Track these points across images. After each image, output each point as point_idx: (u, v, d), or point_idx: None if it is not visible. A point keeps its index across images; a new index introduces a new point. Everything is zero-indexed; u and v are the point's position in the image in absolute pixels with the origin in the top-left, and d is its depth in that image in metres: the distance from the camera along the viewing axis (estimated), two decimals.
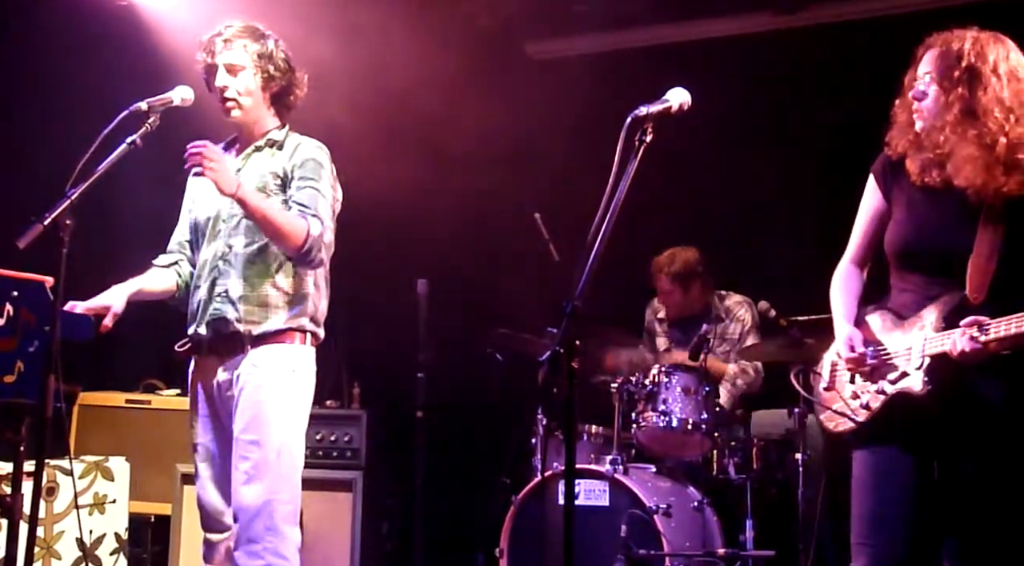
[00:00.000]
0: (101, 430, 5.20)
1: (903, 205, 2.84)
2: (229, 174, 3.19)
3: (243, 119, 3.46)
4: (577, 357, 2.37)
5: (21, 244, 2.76)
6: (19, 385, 2.92)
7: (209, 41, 3.43)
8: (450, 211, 5.64)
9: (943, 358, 2.63)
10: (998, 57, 2.69)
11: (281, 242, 3.30)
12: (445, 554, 5.49)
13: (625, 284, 5.17)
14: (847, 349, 2.82)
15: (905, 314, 2.79)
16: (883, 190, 2.92)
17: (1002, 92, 2.66)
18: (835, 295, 3.00)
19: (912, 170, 2.79)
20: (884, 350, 2.80)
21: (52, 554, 4.32)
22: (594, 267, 2.42)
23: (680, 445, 4.80)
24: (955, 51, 2.71)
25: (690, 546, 4.47)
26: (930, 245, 2.76)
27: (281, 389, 3.33)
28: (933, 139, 2.72)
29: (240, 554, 3.26)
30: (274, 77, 3.44)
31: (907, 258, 2.82)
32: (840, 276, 3.01)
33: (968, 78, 2.67)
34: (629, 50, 6.23)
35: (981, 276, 2.64)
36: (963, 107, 2.67)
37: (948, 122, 2.68)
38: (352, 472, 4.74)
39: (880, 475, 2.77)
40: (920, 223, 2.79)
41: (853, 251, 3.02)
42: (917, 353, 2.69)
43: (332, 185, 3.45)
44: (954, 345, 2.58)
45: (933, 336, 2.67)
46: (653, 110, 2.59)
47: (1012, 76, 2.69)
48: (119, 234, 5.47)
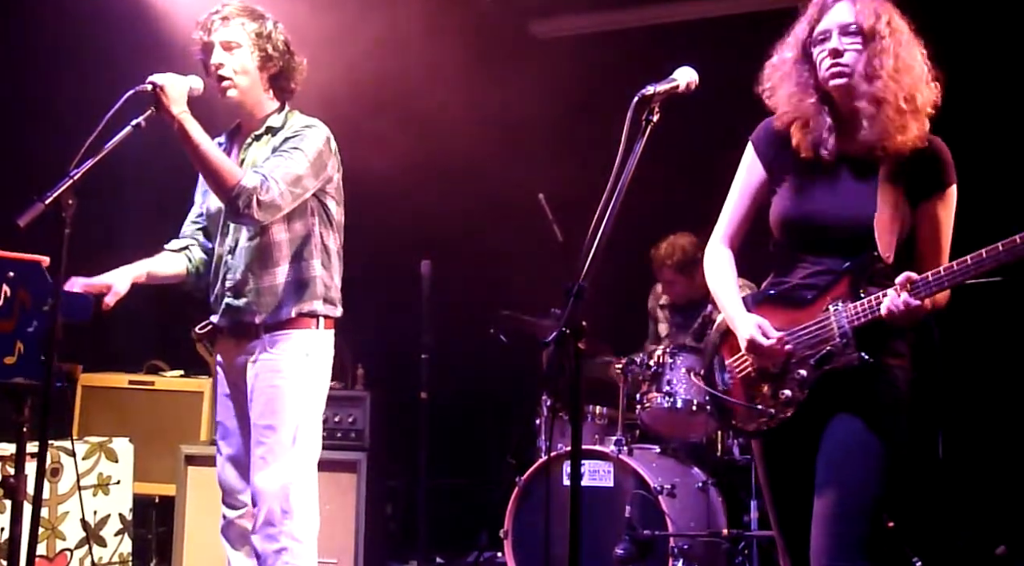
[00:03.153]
0: (105, 411, 5.22)
1: (792, 180, 2.71)
2: (180, 90, 3.14)
3: (240, 100, 3.39)
4: (583, 338, 2.36)
5: (22, 222, 2.74)
6: (20, 366, 2.90)
7: (206, 19, 3.37)
8: (454, 191, 5.62)
9: (872, 326, 2.54)
10: (899, 17, 2.65)
11: (211, 181, 3.24)
12: (449, 535, 5.51)
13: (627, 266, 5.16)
14: (761, 338, 2.65)
15: (805, 293, 2.67)
16: (764, 162, 2.78)
17: (912, 48, 2.62)
18: (718, 283, 2.81)
19: (802, 143, 2.66)
20: (795, 334, 2.65)
21: (56, 535, 4.33)
22: (600, 248, 2.40)
23: (685, 426, 4.79)
24: (870, 5, 2.62)
25: (694, 526, 4.47)
26: (827, 219, 2.63)
27: (296, 374, 3.34)
28: (864, 91, 2.58)
29: (257, 537, 3.29)
30: (272, 57, 3.38)
31: (805, 234, 2.68)
32: (716, 260, 2.83)
33: (889, 32, 2.60)
34: (634, 29, 6.20)
35: (888, 235, 2.57)
36: (894, 57, 2.57)
37: (885, 69, 2.56)
38: (356, 453, 4.74)
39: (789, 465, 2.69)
40: (817, 197, 2.66)
41: (725, 228, 2.85)
42: (839, 328, 2.58)
43: (311, 159, 3.30)
44: (892, 306, 2.47)
45: (853, 306, 2.57)
46: (660, 89, 2.53)
47: (911, 34, 2.64)
48: (121, 216, 5.47)
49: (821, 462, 2.60)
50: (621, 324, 5.68)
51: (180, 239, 3.59)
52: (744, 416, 2.77)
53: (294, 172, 3.26)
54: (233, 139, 3.54)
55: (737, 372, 2.81)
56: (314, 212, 3.40)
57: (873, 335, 2.57)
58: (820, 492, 2.57)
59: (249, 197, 3.16)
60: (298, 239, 3.37)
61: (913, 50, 2.62)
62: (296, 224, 3.37)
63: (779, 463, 2.75)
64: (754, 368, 2.75)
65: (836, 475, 2.56)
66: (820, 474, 2.59)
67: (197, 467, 4.75)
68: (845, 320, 2.58)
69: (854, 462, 2.56)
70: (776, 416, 2.67)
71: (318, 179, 3.35)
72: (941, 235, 2.65)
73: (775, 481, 2.76)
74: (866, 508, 2.54)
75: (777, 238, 2.76)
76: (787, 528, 2.73)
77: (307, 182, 3.30)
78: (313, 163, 3.31)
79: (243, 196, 3.16)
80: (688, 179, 5.71)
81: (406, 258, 5.14)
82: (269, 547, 3.26)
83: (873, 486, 2.55)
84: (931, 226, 2.65)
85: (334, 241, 3.47)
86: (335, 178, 3.45)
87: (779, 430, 2.69)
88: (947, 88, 2.69)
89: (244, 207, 3.17)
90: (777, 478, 2.76)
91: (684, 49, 3.08)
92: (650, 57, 4.51)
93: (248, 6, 3.42)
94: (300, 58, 3.49)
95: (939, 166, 2.64)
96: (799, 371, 2.64)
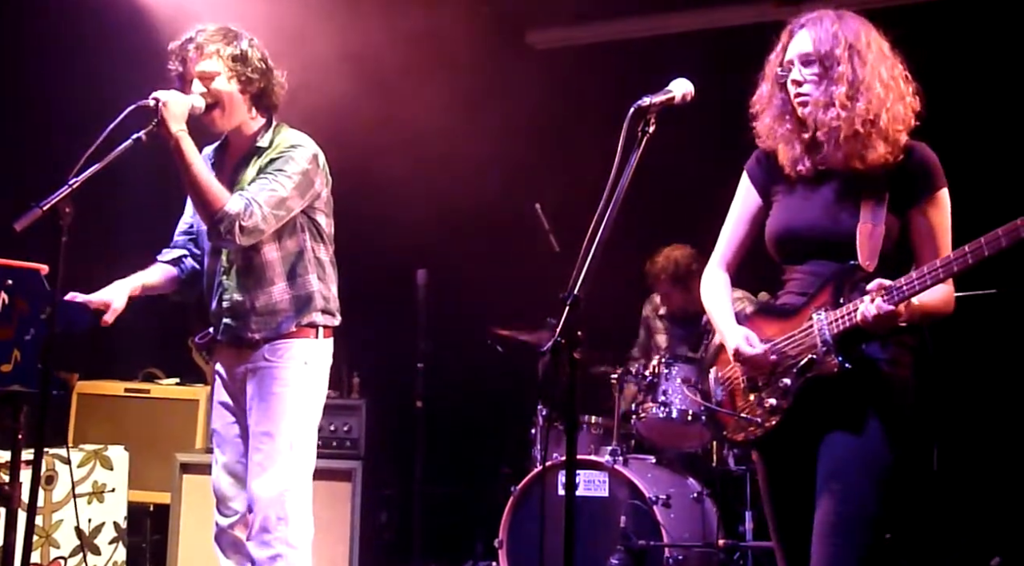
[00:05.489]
0: (100, 419, 5.21)
1: (781, 199, 2.79)
2: (181, 108, 3.15)
3: (225, 127, 3.41)
4: (578, 347, 2.36)
5: (18, 227, 2.74)
6: (17, 374, 2.91)
7: (181, 48, 3.34)
8: (450, 200, 5.63)
9: (851, 333, 2.56)
10: (867, 34, 2.68)
11: (197, 202, 3.26)
12: (444, 544, 5.50)
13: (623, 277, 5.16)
14: (746, 347, 2.70)
15: (791, 304, 2.72)
16: (758, 188, 2.86)
17: (879, 67, 2.65)
18: (712, 302, 2.89)
19: (785, 161, 2.73)
20: (779, 344, 2.69)
21: (51, 543, 4.32)
22: (596, 258, 2.41)
23: (680, 436, 4.80)
24: (829, 31, 2.66)
25: (689, 537, 4.48)
26: (814, 231, 2.68)
27: (295, 382, 3.35)
28: (821, 119, 2.64)
29: (252, 544, 3.30)
30: (251, 79, 3.36)
31: (791, 248, 2.74)
32: (712, 282, 2.92)
33: (848, 55, 2.64)
34: (630, 40, 6.21)
35: (870, 243, 2.59)
36: (849, 84, 2.62)
37: (838, 99, 2.61)
38: (351, 462, 4.74)
39: (787, 476, 2.71)
40: (800, 211, 2.72)
41: (723, 253, 2.93)
42: (820, 335, 2.60)
43: (295, 182, 3.30)
44: (866, 312, 2.49)
45: (834, 313, 2.59)
46: (656, 101, 2.56)
47: (880, 51, 2.68)
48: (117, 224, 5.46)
49: (821, 473, 2.61)
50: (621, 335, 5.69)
51: (172, 249, 3.60)
52: (733, 426, 2.81)
53: (278, 195, 3.27)
54: (221, 153, 3.54)
55: (728, 384, 2.85)
56: (304, 228, 3.41)
57: (856, 342, 2.58)
58: (820, 504, 2.59)
59: (232, 222, 3.19)
60: (291, 256, 3.38)
61: (879, 70, 2.65)
62: (288, 242, 3.38)
63: (777, 473, 2.76)
64: (743, 379, 2.78)
65: (835, 487, 2.57)
66: (820, 486, 2.60)
67: (192, 475, 4.74)
68: (826, 328, 2.60)
69: (853, 474, 2.57)
70: (763, 424, 2.70)
71: (304, 198, 3.36)
72: (937, 240, 2.66)
73: (774, 491, 2.77)
74: (866, 520, 2.55)
75: (771, 254, 2.81)
76: (786, 538, 2.74)
77: (291, 204, 3.31)
78: (298, 185, 3.32)
79: (226, 221, 3.19)
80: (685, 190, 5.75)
81: (402, 267, 5.15)
82: (264, 554, 3.28)
83: (872, 498, 2.56)
84: (925, 232, 2.66)
85: (325, 252, 3.48)
86: (323, 194, 3.45)
87: (773, 439, 2.70)
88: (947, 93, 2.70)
89: (226, 232, 3.20)
90: (776, 488, 2.77)
91: (680, 61, 3.09)
92: (646, 68, 4.52)
93: (221, 28, 3.38)
94: (280, 72, 3.46)
95: (923, 173, 2.67)
96: (783, 380, 2.67)
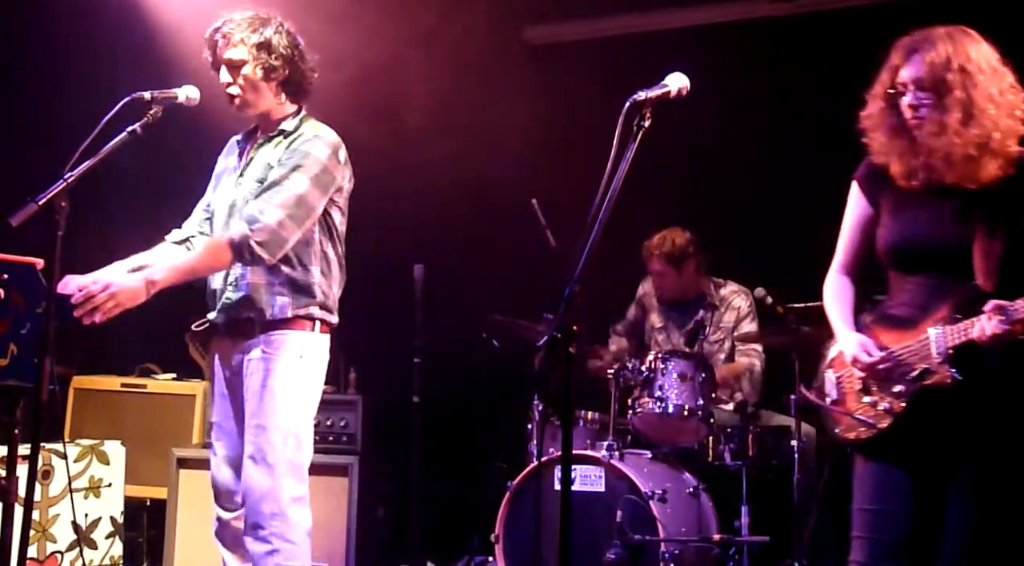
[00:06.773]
0: (97, 414, 5.22)
1: (893, 209, 2.85)
2: (132, 293, 3.07)
3: (253, 113, 3.48)
4: (574, 343, 2.37)
5: (14, 222, 2.74)
6: (13, 368, 2.91)
7: (210, 37, 3.42)
8: (447, 196, 5.63)
9: (967, 347, 2.63)
10: (977, 52, 2.71)
11: (216, 271, 3.37)
12: (441, 539, 5.50)
13: (620, 268, 5.17)
14: (863, 355, 2.81)
15: (909, 315, 2.79)
16: (868, 196, 2.93)
17: (990, 87, 2.69)
18: (831, 305, 3.01)
19: (898, 174, 2.80)
20: (896, 353, 2.79)
21: (47, 537, 4.33)
22: (592, 252, 2.41)
23: (676, 431, 4.80)
24: (941, 54, 2.70)
25: (686, 532, 4.48)
26: (931, 243, 2.76)
27: (289, 375, 3.35)
28: (935, 145, 2.70)
29: (248, 539, 3.31)
30: (275, 66, 3.40)
31: (907, 259, 2.82)
32: (832, 286, 3.03)
33: (961, 80, 2.68)
34: (627, 35, 6.21)
35: (988, 264, 2.66)
36: (963, 109, 2.67)
37: (950, 126, 2.67)
38: (348, 457, 4.74)
39: (884, 473, 2.80)
40: (917, 223, 2.79)
41: (841, 259, 3.04)
42: (937, 348, 2.68)
43: (311, 175, 3.33)
44: (982, 330, 2.58)
45: (951, 328, 2.66)
46: (652, 95, 2.57)
47: (992, 68, 2.71)
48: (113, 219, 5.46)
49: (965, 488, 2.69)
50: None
51: (183, 230, 3.61)
52: (846, 426, 2.91)
53: (295, 193, 3.30)
54: (249, 138, 3.58)
55: (843, 386, 2.94)
56: (315, 220, 3.41)
57: (972, 356, 2.64)
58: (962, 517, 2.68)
59: (245, 248, 3.23)
60: (299, 245, 3.38)
61: (990, 90, 2.69)
62: None
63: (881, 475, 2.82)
64: (858, 382, 2.88)
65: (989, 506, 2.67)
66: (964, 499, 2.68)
67: (189, 470, 4.75)
68: (943, 341, 2.68)
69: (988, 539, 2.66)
70: (875, 426, 2.80)
71: (326, 193, 3.38)
72: None
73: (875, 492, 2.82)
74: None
75: (884, 262, 2.89)
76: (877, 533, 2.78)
77: (311, 200, 3.33)
78: (316, 178, 3.34)
79: (243, 251, 3.23)
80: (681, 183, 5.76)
81: (399, 262, 5.14)
82: (260, 549, 3.28)
83: None
84: None
85: (333, 250, 3.48)
86: (345, 188, 3.48)
87: (882, 443, 2.79)
88: None
89: (250, 257, 3.25)
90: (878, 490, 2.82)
91: (676, 55, 3.10)
92: (643, 63, 4.53)
93: (249, 16, 3.42)
94: (311, 56, 3.51)
95: None
96: (897, 385, 2.77)
